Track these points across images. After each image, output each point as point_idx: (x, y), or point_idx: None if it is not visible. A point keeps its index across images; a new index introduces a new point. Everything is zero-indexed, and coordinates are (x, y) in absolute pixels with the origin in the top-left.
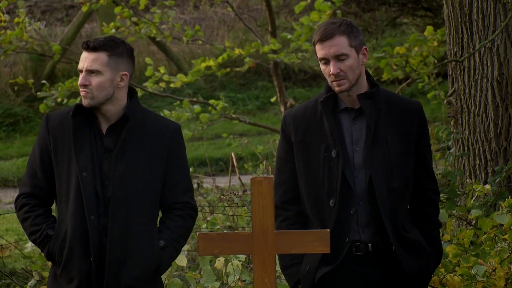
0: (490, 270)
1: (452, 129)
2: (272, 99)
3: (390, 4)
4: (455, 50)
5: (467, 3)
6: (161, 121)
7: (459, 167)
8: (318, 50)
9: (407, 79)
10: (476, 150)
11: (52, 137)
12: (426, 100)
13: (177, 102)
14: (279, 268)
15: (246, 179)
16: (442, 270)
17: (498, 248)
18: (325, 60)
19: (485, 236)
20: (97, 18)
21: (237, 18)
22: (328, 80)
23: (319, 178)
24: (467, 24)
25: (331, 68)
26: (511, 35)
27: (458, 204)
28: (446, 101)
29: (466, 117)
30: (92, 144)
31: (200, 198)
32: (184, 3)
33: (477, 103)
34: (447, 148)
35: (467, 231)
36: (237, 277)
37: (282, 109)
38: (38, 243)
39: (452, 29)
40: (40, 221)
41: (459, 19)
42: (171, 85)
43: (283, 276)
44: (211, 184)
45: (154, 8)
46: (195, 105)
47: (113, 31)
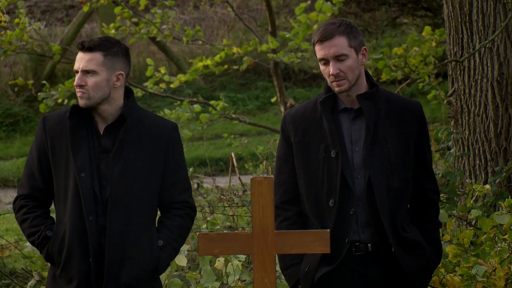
0: (490, 270)
1: (452, 129)
2: (273, 100)
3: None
4: (455, 50)
5: (467, 3)
6: (158, 121)
7: (459, 167)
8: (318, 51)
9: (407, 79)
10: (476, 150)
11: (50, 138)
12: (426, 100)
13: (177, 102)
14: (279, 268)
15: (246, 179)
16: (442, 270)
17: (498, 248)
18: (325, 61)
19: (485, 236)
20: (97, 18)
21: (237, 18)
22: (328, 81)
23: (319, 178)
24: (467, 24)
25: (331, 69)
26: (511, 35)
27: (458, 204)
28: (446, 101)
29: (466, 117)
30: (90, 145)
31: (200, 198)
32: (184, 3)
33: (477, 103)
34: (447, 148)
35: (467, 231)
36: (237, 277)
37: (282, 109)
38: (37, 245)
39: (452, 29)
40: (39, 223)
41: (459, 19)
42: (171, 85)
43: (283, 276)
44: (211, 184)
45: (155, 9)
46: (195, 105)
47: (114, 32)
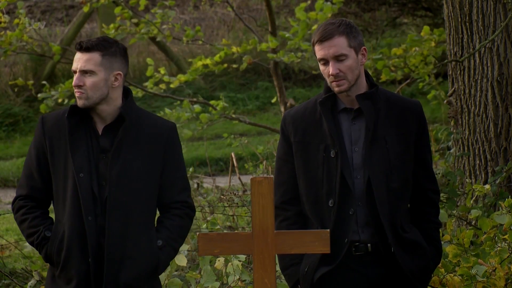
0: (490, 270)
1: (452, 129)
2: (273, 100)
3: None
4: (455, 50)
5: (467, 3)
6: (157, 121)
7: (459, 167)
8: (317, 51)
9: (406, 79)
10: (476, 150)
11: (48, 139)
12: (426, 100)
13: (177, 102)
14: (279, 268)
15: (246, 179)
16: (442, 270)
17: (498, 248)
18: (324, 61)
19: (485, 236)
20: (97, 18)
21: (237, 18)
22: (328, 81)
23: (318, 179)
24: (467, 24)
25: (330, 69)
26: (511, 35)
27: (458, 204)
28: (446, 101)
29: (466, 117)
30: (88, 145)
31: (200, 198)
32: (184, 3)
33: (477, 103)
34: (447, 148)
35: (467, 231)
36: (237, 277)
37: (282, 109)
38: (36, 245)
39: (452, 29)
40: (38, 223)
41: (459, 19)
42: (171, 86)
43: (283, 276)
44: (211, 184)
45: (155, 9)
46: (195, 105)
47: (114, 32)
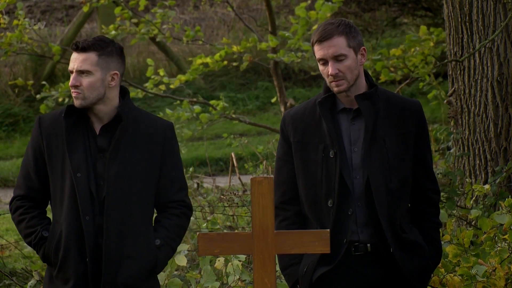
0: (490, 270)
1: (452, 129)
2: (273, 100)
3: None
4: (455, 50)
5: (467, 3)
6: (154, 120)
7: (459, 167)
8: (317, 51)
9: (406, 79)
10: (476, 150)
11: (45, 139)
12: (426, 100)
13: (177, 102)
14: (279, 268)
15: (246, 179)
16: (442, 270)
17: (498, 248)
18: (324, 61)
19: (485, 236)
20: (97, 18)
21: (237, 18)
22: (327, 81)
23: (317, 179)
24: (467, 24)
25: (330, 69)
26: (511, 35)
27: (458, 204)
28: (446, 101)
29: (466, 117)
30: (86, 145)
31: (200, 198)
32: (184, 3)
33: (477, 103)
34: (447, 148)
35: (467, 231)
36: (237, 277)
37: (282, 109)
38: (34, 245)
39: (452, 29)
40: (35, 223)
41: (459, 19)
42: (171, 86)
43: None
44: (211, 184)
45: (155, 9)
46: (195, 106)
47: (114, 33)
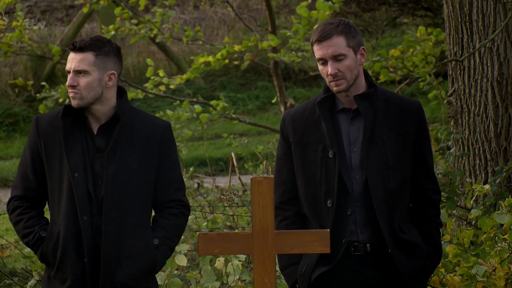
0: (490, 270)
1: (452, 129)
2: (273, 100)
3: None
4: (455, 50)
5: (467, 3)
6: (152, 120)
7: (459, 167)
8: (316, 51)
9: (406, 79)
10: (476, 150)
11: (43, 139)
12: (427, 100)
13: (177, 102)
14: (279, 268)
15: (246, 179)
16: (442, 270)
17: (498, 248)
18: (323, 61)
19: (485, 236)
20: (97, 18)
21: (237, 18)
22: (326, 80)
23: (317, 179)
24: (467, 24)
25: (329, 69)
26: (511, 35)
27: (458, 204)
28: (446, 101)
29: (466, 117)
30: (83, 145)
31: (200, 198)
32: (184, 3)
33: (477, 103)
34: (447, 148)
35: (467, 231)
36: (237, 277)
37: (282, 109)
38: (32, 246)
39: (452, 29)
40: (33, 223)
41: (459, 19)
42: (171, 87)
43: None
44: (211, 184)
45: (155, 8)
46: (196, 105)
47: (113, 33)
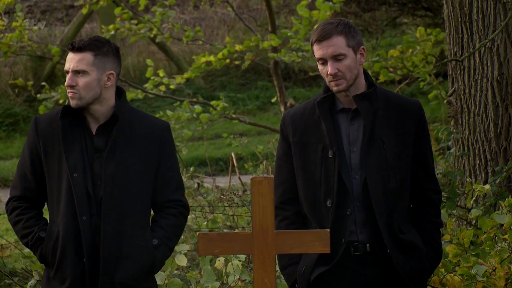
0: (490, 270)
1: (452, 129)
2: (273, 100)
3: (390, 4)
4: (455, 50)
5: (467, 3)
6: (151, 120)
7: (459, 167)
8: (316, 51)
9: (405, 79)
10: (476, 150)
11: (42, 139)
12: (427, 100)
13: (177, 102)
14: (278, 268)
15: (246, 179)
16: (442, 270)
17: (498, 248)
18: (323, 60)
19: (485, 236)
20: (97, 18)
21: (237, 18)
22: (326, 80)
23: (316, 179)
24: (467, 24)
25: (329, 68)
26: (511, 35)
27: (458, 204)
28: (446, 101)
29: (466, 117)
30: (82, 145)
31: (200, 198)
32: (184, 3)
33: (477, 103)
34: (447, 148)
35: (467, 231)
36: (237, 277)
37: (282, 109)
38: (31, 246)
39: (452, 29)
40: (32, 224)
41: (459, 19)
42: (171, 87)
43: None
44: (211, 184)
45: (155, 8)
46: (196, 106)
47: (112, 33)
